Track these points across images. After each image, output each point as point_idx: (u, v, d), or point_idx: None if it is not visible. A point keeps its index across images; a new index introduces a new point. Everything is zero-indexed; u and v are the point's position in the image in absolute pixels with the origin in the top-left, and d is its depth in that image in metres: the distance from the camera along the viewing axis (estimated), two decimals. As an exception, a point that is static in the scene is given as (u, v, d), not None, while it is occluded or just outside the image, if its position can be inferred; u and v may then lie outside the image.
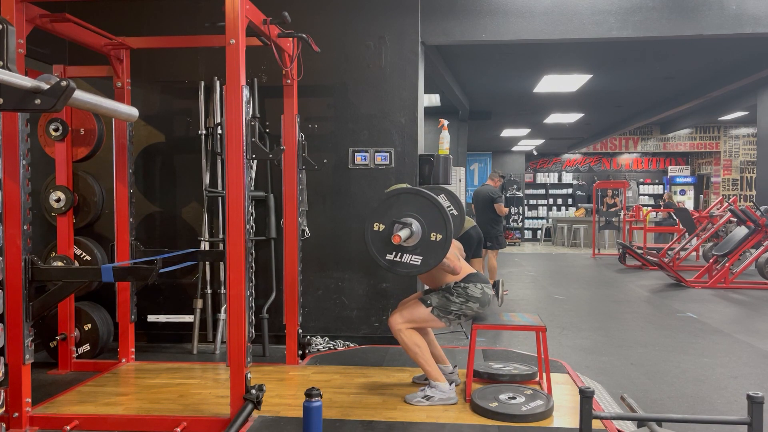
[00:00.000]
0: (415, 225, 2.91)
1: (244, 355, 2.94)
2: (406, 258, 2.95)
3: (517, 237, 16.64)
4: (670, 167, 17.35)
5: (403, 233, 2.86)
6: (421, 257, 2.95)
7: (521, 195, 17.23)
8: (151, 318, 4.73)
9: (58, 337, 3.94)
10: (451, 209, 3.64)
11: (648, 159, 17.72)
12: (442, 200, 3.33)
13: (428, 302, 3.21)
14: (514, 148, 17.37)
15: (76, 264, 4.17)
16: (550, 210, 18.22)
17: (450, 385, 3.23)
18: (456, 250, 3.39)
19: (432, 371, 3.22)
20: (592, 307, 6.80)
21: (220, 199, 4.67)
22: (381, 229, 2.96)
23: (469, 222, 5.72)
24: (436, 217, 2.92)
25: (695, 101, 9.28)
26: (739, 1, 4.76)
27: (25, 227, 2.92)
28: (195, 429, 2.96)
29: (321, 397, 2.58)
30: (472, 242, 5.87)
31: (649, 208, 14.09)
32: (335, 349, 4.52)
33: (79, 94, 2.48)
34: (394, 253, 2.96)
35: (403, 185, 3.53)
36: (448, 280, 3.25)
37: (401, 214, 2.94)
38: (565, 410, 3.11)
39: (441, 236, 2.91)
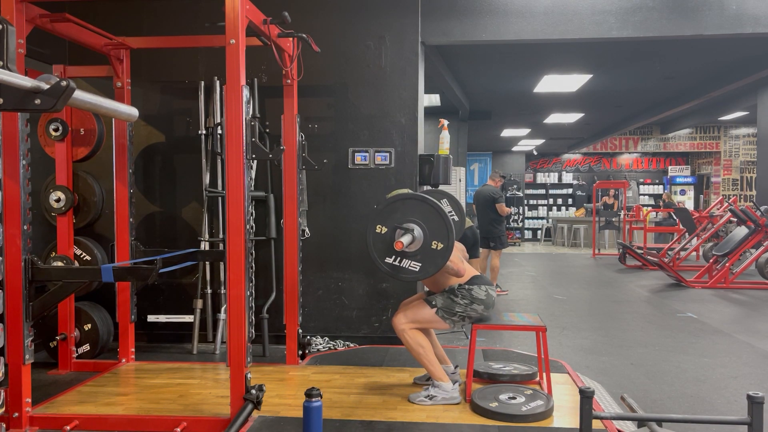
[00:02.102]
0: (417, 231, 2.91)
1: (244, 355, 2.94)
2: (406, 263, 2.96)
3: (517, 237, 16.64)
4: (670, 167, 17.35)
5: (405, 239, 2.86)
6: (420, 264, 2.95)
7: (521, 195, 17.23)
8: (151, 318, 4.73)
9: (58, 337, 3.94)
10: (452, 214, 3.65)
11: (648, 159, 17.72)
12: (444, 205, 3.33)
13: (433, 303, 3.21)
14: (514, 148, 17.37)
15: (76, 264, 4.17)
16: (550, 210, 18.22)
17: (453, 384, 3.23)
18: (459, 252, 3.39)
19: (436, 371, 3.22)
20: (592, 307, 6.80)
21: (220, 199, 4.67)
22: (383, 232, 2.96)
23: (467, 222, 5.72)
24: (440, 225, 2.92)
25: (695, 101, 9.28)
26: (739, 1, 4.76)
27: (25, 227, 2.92)
28: (195, 429, 2.96)
29: (321, 397, 2.57)
30: (468, 242, 5.87)
31: (649, 208, 14.09)
32: (335, 349, 4.52)
33: (79, 94, 2.48)
34: (394, 257, 2.96)
35: (405, 191, 3.53)
36: (451, 282, 3.25)
37: (405, 219, 2.94)
38: (565, 410, 3.11)
39: (442, 246, 2.92)
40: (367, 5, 4.66)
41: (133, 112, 3.29)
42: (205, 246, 4.61)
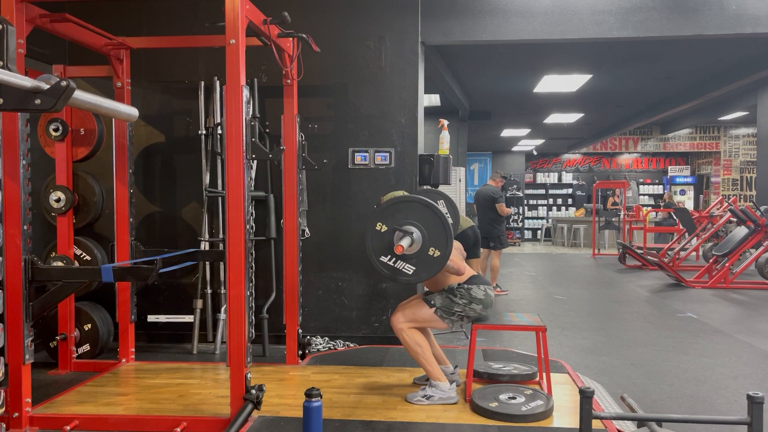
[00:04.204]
0: (417, 235, 2.91)
1: (244, 355, 2.94)
2: (400, 265, 2.96)
3: (517, 237, 16.65)
4: (670, 167, 17.35)
5: (405, 242, 2.86)
6: (414, 268, 2.95)
7: (521, 195, 17.23)
8: (151, 318, 4.73)
9: (58, 337, 3.94)
10: (447, 216, 3.65)
11: (648, 159, 17.72)
12: (441, 207, 3.33)
13: (432, 303, 3.21)
14: (514, 148, 17.37)
15: (76, 264, 4.17)
16: (550, 210, 18.22)
17: (451, 384, 3.23)
18: (457, 251, 3.38)
19: (433, 371, 3.22)
20: (592, 307, 6.80)
21: (220, 199, 4.67)
22: (383, 231, 2.96)
23: (467, 222, 5.72)
24: (439, 233, 2.92)
25: (695, 101, 9.28)
26: (739, 1, 4.76)
27: (25, 227, 2.92)
28: (195, 429, 2.96)
29: (321, 397, 2.57)
30: (469, 242, 5.87)
31: (649, 208, 14.09)
32: (335, 349, 4.52)
33: (79, 94, 2.48)
34: (390, 256, 2.96)
35: (400, 193, 3.51)
36: (450, 282, 3.25)
37: (406, 221, 2.94)
38: (565, 410, 3.11)
39: (439, 253, 2.92)
40: (367, 5, 4.66)
41: (133, 112, 3.29)
42: (205, 246, 4.61)
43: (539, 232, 17.54)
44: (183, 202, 4.78)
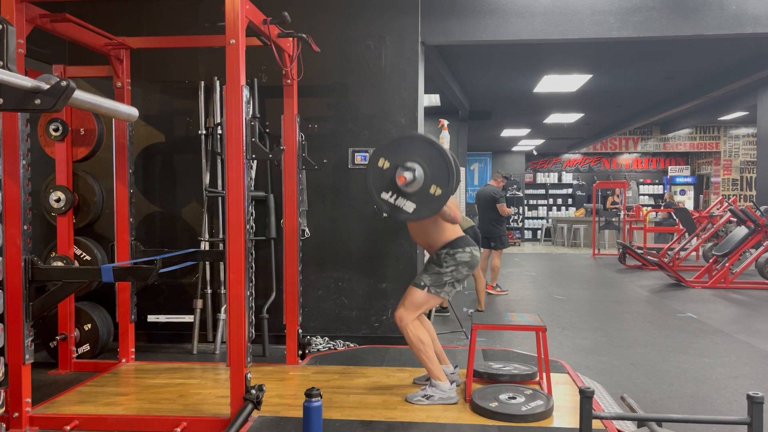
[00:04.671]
0: (419, 171, 2.90)
1: (244, 355, 2.94)
2: (401, 202, 2.94)
3: (517, 237, 16.65)
4: (670, 167, 17.35)
5: (408, 174, 2.85)
6: (414, 205, 2.93)
7: (521, 195, 17.23)
8: (151, 318, 4.73)
9: (58, 337, 3.94)
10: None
11: (648, 159, 17.72)
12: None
13: (422, 284, 3.25)
14: (514, 148, 17.37)
15: (76, 264, 4.17)
16: (550, 210, 18.22)
17: (451, 384, 3.24)
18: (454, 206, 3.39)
19: (434, 369, 3.22)
20: (592, 307, 6.80)
21: (220, 199, 4.67)
22: (385, 167, 2.94)
23: (467, 222, 5.72)
24: (442, 171, 2.90)
25: (695, 101, 9.28)
26: (739, 1, 4.76)
27: (25, 227, 2.92)
28: (195, 429, 2.96)
29: (321, 397, 2.58)
30: None
31: (649, 208, 14.09)
32: (335, 349, 4.52)
33: (79, 94, 2.48)
34: (390, 193, 2.95)
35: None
36: (446, 237, 3.26)
37: (409, 158, 2.92)
38: (565, 410, 3.11)
39: (441, 191, 2.90)
40: (367, 5, 4.66)
41: (133, 112, 3.29)
42: (205, 246, 4.61)
43: (539, 232, 17.54)
44: (183, 202, 4.78)
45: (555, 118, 11.86)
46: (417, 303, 3.24)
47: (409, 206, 2.93)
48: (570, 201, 18.12)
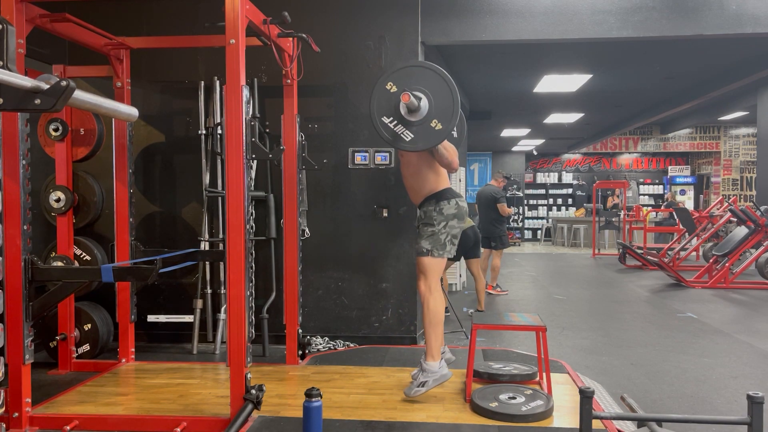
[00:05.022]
0: (425, 101, 2.89)
1: (244, 355, 2.94)
2: (400, 129, 2.94)
3: (517, 237, 16.64)
4: (670, 167, 17.35)
5: (413, 97, 2.84)
6: (413, 135, 2.93)
7: (521, 195, 17.23)
8: (151, 318, 4.73)
9: (58, 337, 3.94)
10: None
11: (648, 159, 17.72)
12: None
13: (423, 250, 3.29)
14: (514, 148, 17.37)
15: (76, 264, 4.17)
16: (550, 210, 18.22)
17: (440, 362, 3.27)
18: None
19: (435, 347, 3.26)
20: (592, 307, 6.80)
21: (220, 199, 4.67)
22: (392, 90, 2.93)
23: (467, 222, 5.72)
24: (447, 106, 2.91)
25: (695, 101, 9.27)
26: (739, 1, 4.76)
27: (25, 227, 2.92)
28: (195, 429, 2.96)
29: (321, 397, 2.57)
30: (469, 242, 5.87)
31: (650, 208, 14.09)
32: (335, 349, 4.52)
33: (79, 94, 2.48)
34: (391, 118, 2.95)
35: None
36: (429, 186, 3.30)
37: (417, 86, 2.91)
38: (565, 410, 3.11)
39: (441, 127, 2.91)
40: (367, 5, 4.66)
41: (133, 112, 3.29)
42: (205, 246, 4.61)
43: (539, 232, 17.54)
44: (183, 202, 4.78)
45: (555, 118, 11.85)
46: (428, 269, 3.29)
47: (407, 135, 2.94)
48: (570, 201, 18.12)
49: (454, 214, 3.30)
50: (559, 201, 18.27)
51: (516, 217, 17.07)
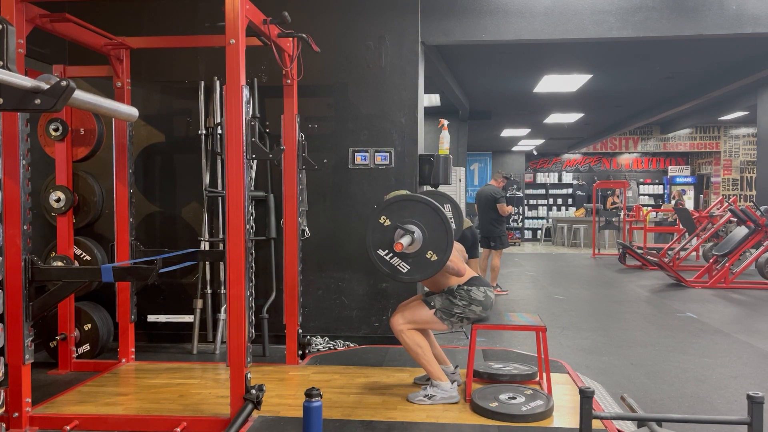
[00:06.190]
0: (418, 234, 2.91)
1: (244, 355, 2.94)
2: (396, 261, 2.96)
3: (517, 237, 16.64)
4: (670, 167, 17.35)
5: (405, 240, 2.86)
6: (409, 267, 2.95)
7: (521, 195, 17.23)
8: (151, 318, 4.73)
9: (58, 337, 3.94)
10: (451, 220, 3.65)
11: (648, 159, 17.72)
12: (446, 211, 3.34)
13: (432, 304, 3.21)
14: (514, 148, 17.37)
15: (76, 264, 4.17)
16: (550, 210, 18.22)
17: (452, 384, 3.23)
18: (458, 252, 3.38)
19: (434, 371, 3.22)
20: (592, 307, 6.80)
21: (220, 199, 4.67)
22: (386, 224, 2.95)
23: (466, 222, 5.73)
24: (440, 238, 2.92)
25: (695, 101, 9.28)
26: (739, 1, 4.76)
27: (25, 227, 2.92)
28: (195, 429, 2.96)
29: (321, 397, 2.57)
30: (467, 243, 5.87)
31: (650, 208, 14.09)
32: (335, 349, 4.52)
33: (79, 94, 2.48)
34: (387, 251, 2.96)
35: (403, 192, 3.52)
36: (450, 283, 3.24)
37: (410, 219, 2.93)
38: (565, 410, 3.11)
39: (436, 258, 2.92)
40: (367, 5, 4.66)
41: (133, 112, 3.29)
42: (205, 246, 4.61)
43: (539, 232, 17.54)
44: (183, 202, 4.78)
45: (555, 118, 11.86)
46: (418, 319, 3.22)
47: (403, 267, 2.96)
48: (570, 201, 18.12)
49: (480, 301, 3.20)
50: (559, 201, 18.28)
51: (516, 217, 17.07)
